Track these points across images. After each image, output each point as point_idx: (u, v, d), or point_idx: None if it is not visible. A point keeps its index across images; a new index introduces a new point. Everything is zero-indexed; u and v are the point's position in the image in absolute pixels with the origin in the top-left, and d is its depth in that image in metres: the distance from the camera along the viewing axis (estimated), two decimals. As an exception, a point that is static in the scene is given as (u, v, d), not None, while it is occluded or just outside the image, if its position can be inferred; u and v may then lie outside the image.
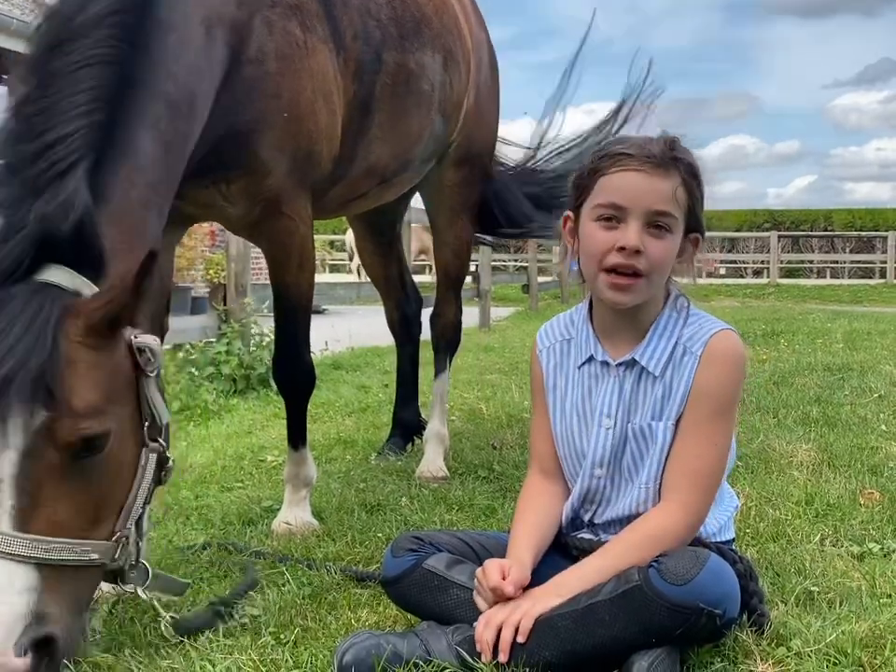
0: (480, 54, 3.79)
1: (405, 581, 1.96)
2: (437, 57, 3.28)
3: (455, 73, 3.43)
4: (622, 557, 1.81)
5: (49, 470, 1.66)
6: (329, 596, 2.22)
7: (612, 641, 1.72)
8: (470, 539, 2.07)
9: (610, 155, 1.91)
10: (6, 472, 1.62)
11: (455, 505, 3.04)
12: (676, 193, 1.87)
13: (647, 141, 1.92)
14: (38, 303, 1.67)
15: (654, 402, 1.94)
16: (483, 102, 3.82)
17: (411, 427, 4.14)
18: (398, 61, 3.04)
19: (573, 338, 2.08)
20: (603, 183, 1.90)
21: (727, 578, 1.78)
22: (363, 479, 3.47)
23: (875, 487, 3.12)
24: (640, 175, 1.87)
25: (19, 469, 1.62)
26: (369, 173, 3.09)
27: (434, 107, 3.30)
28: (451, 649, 1.80)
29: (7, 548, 1.60)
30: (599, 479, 2.00)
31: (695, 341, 1.92)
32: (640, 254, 1.86)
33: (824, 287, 21.77)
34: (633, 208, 1.86)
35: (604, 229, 1.89)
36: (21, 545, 1.61)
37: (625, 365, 1.97)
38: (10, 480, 1.62)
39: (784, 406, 4.75)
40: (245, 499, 3.20)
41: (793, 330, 9.13)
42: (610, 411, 1.98)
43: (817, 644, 1.83)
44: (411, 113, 3.16)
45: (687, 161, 1.90)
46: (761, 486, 3.13)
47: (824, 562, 2.38)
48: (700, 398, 1.90)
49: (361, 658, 1.77)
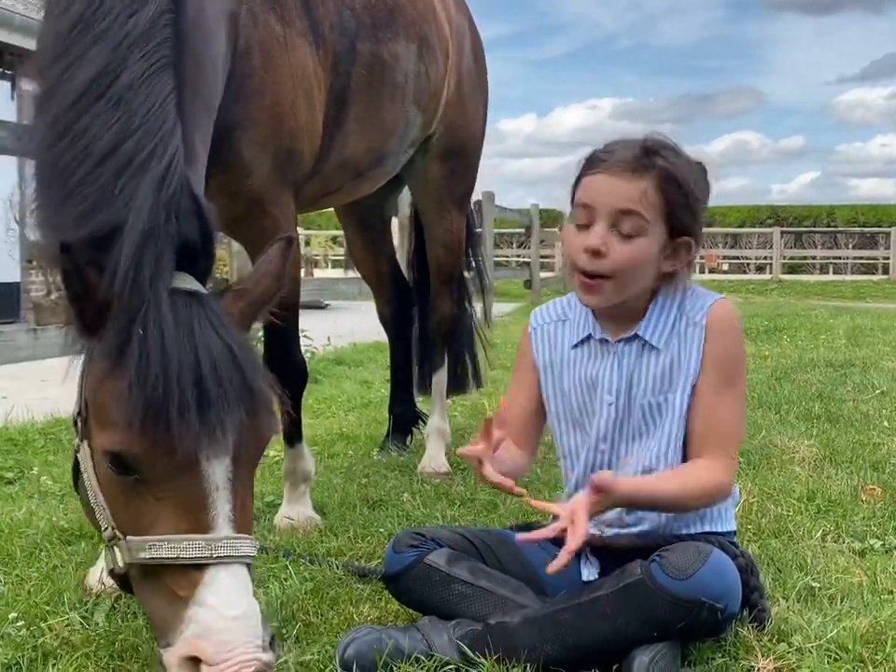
0: (460, 41, 3.68)
1: (407, 577, 1.97)
2: (411, 46, 3.17)
3: (431, 62, 3.31)
4: (682, 488, 1.88)
5: (252, 471, 1.67)
6: (330, 591, 2.22)
7: (614, 635, 1.73)
8: (472, 535, 2.07)
9: (588, 160, 1.96)
10: (223, 478, 1.56)
11: (456, 500, 3.05)
12: (646, 195, 1.88)
13: (625, 145, 1.94)
14: (201, 310, 1.60)
15: (661, 375, 1.96)
16: (466, 90, 3.72)
17: (408, 419, 4.10)
18: (371, 51, 2.95)
19: (569, 319, 2.10)
20: (580, 186, 1.96)
21: (729, 572, 1.79)
22: (365, 474, 3.48)
23: (876, 483, 3.12)
24: (607, 176, 1.90)
25: (234, 473, 1.58)
26: (343, 167, 3.01)
27: (408, 99, 3.19)
28: (452, 643, 1.81)
29: (238, 551, 1.56)
30: (604, 453, 2.03)
31: (696, 311, 1.97)
32: (602, 255, 1.88)
33: (827, 283, 21.77)
34: (599, 208, 1.89)
35: (577, 231, 1.93)
36: (247, 547, 1.58)
37: (625, 341, 2.00)
38: (228, 484, 1.57)
39: (786, 402, 4.75)
40: (248, 494, 3.20)
41: (796, 326, 9.13)
42: (611, 387, 1.99)
43: (818, 640, 1.83)
44: (385, 105, 3.07)
45: (661, 165, 1.89)
46: (762, 482, 3.13)
47: (825, 558, 2.38)
48: (714, 364, 1.94)
49: (363, 652, 1.78)
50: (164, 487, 1.55)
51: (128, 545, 1.59)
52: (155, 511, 1.56)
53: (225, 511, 1.56)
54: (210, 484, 1.56)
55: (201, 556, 1.51)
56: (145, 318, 1.55)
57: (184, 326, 1.56)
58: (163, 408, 1.49)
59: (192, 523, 1.54)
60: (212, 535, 1.54)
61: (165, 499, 1.55)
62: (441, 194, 3.71)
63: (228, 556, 1.53)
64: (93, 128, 1.72)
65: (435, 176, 3.66)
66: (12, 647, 1.89)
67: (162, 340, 1.53)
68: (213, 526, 1.55)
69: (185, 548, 1.52)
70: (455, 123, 3.62)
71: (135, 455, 1.53)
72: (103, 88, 1.75)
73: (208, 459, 1.55)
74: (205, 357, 1.54)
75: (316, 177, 2.87)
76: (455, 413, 4.72)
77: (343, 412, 5.01)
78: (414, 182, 3.75)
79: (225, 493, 1.57)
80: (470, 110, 3.77)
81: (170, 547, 1.53)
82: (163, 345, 1.52)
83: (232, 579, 1.53)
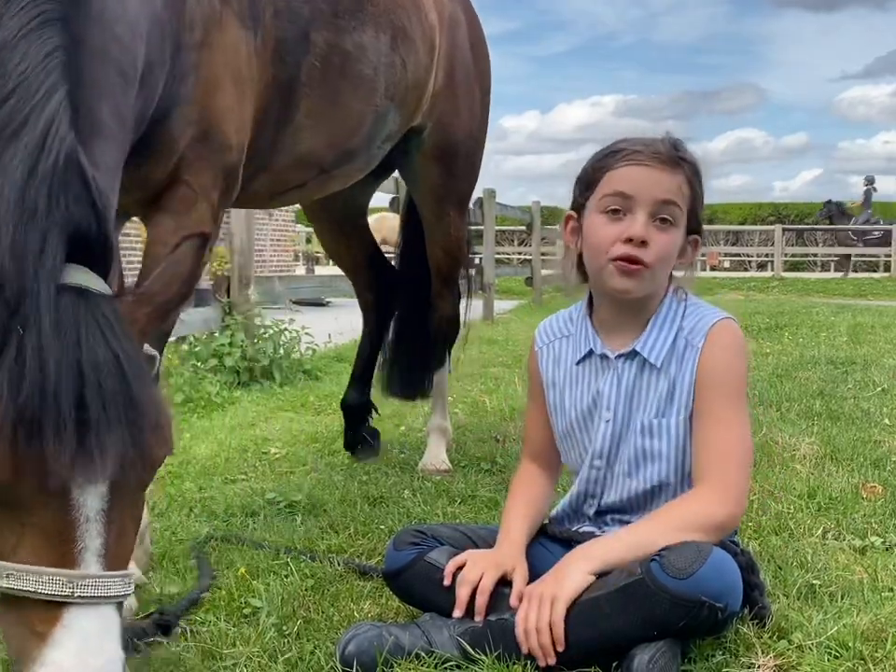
0: (452, 31, 3.45)
1: (407, 574, 1.97)
2: (382, 36, 2.91)
3: (409, 53, 3.06)
4: (662, 536, 1.78)
5: (139, 494, 1.48)
6: (331, 588, 2.22)
7: (614, 634, 1.72)
8: (472, 533, 2.08)
9: (616, 151, 1.95)
10: (95, 508, 1.38)
11: (457, 497, 3.05)
12: (681, 188, 1.91)
13: (652, 141, 1.95)
14: (89, 312, 1.39)
15: (660, 398, 1.95)
16: (460, 84, 3.50)
17: (359, 410, 3.87)
18: (330, 41, 2.68)
19: (572, 335, 2.09)
20: (610, 176, 1.93)
21: (729, 571, 1.78)
22: (366, 471, 3.48)
23: (877, 481, 3.12)
24: (647, 168, 1.91)
25: (111, 502, 1.39)
26: (301, 163, 2.79)
27: (379, 93, 2.94)
28: (452, 640, 1.81)
29: (106, 591, 1.38)
30: (599, 469, 2.02)
31: (696, 333, 1.94)
32: (646, 245, 1.88)
33: (828, 280, 21.73)
34: (640, 198, 1.89)
35: (610, 221, 1.91)
36: (119, 585, 1.40)
37: (625, 357, 1.98)
38: (101, 515, 1.38)
39: (787, 399, 4.74)
40: (249, 491, 3.20)
41: (797, 324, 9.13)
42: (610, 403, 1.99)
43: (818, 637, 1.83)
44: (347, 99, 2.82)
45: (691, 161, 1.94)
46: (763, 479, 3.13)
47: (826, 555, 2.38)
48: (707, 385, 1.91)
49: (363, 649, 1.78)
50: (28, 513, 1.36)
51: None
52: (18, 537, 1.37)
53: (95, 545, 1.38)
54: (80, 515, 1.37)
55: (61, 593, 1.34)
56: (23, 316, 1.34)
57: (68, 329, 1.35)
58: (32, 425, 1.30)
59: (56, 556, 1.35)
60: (77, 571, 1.36)
61: (29, 526, 1.36)
62: (438, 195, 3.59)
63: (92, 596, 1.36)
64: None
65: (432, 176, 3.53)
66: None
67: (40, 343, 1.33)
68: (79, 561, 1.36)
69: (45, 582, 1.34)
70: (447, 119, 3.45)
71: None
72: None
73: (80, 487, 1.36)
74: (89, 368, 1.34)
75: (267, 173, 2.67)
76: (457, 410, 4.72)
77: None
78: (412, 182, 3.67)
79: (97, 525, 1.38)
80: (464, 106, 3.56)
81: (29, 579, 1.34)
82: (41, 350, 1.32)
83: (96, 621, 1.36)
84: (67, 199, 1.42)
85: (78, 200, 1.43)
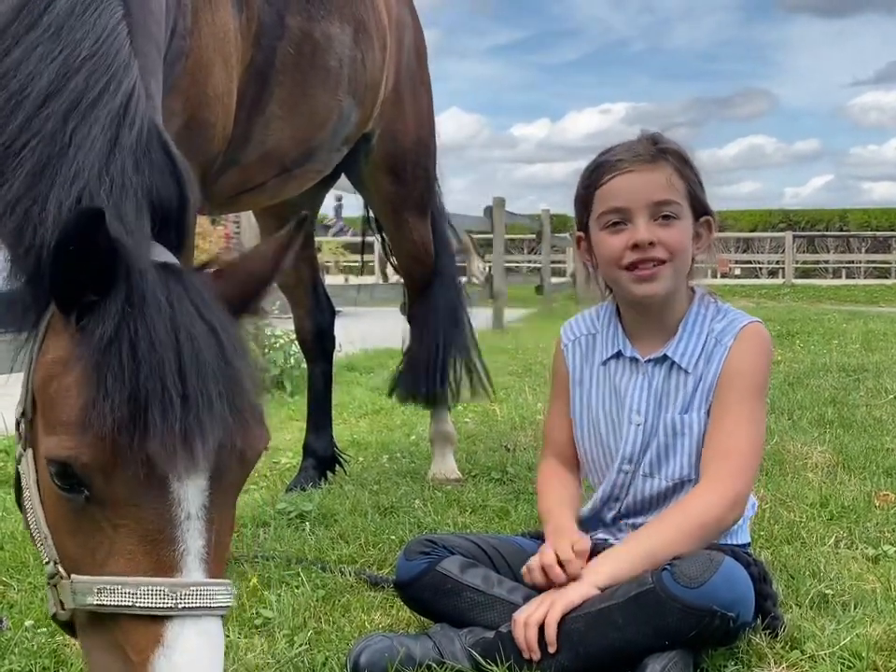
0: (401, 34, 3.35)
1: (418, 584, 1.97)
2: (346, 28, 2.80)
3: (367, 48, 2.95)
4: (670, 544, 1.79)
5: (234, 498, 1.35)
6: (342, 599, 2.22)
7: (625, 644, 1.72)
8: (483, 543, 2.07)
9: (600, 165, 1.98)
10: (197, 504, 1.24)
11: (468, 507, 3.05)
12: (671, 181, 1.93)
13: (631, 144, 1.98)
14: (182, 287, 1.29)
15: (686, 395, 1.96)
16: (405, 89, 3.38)
17: (325, 458, 3.60)
18: (303, 28, 2.57)
19: (599, 333, 2.11)
20: (601, 194, 1.96)
21: (741, 581, 1.78)
22: (377, 481, 3.48)
23: (890, 489, 3.10)
24: (633, 174, 1.93)
25: (211, 499, 1.25)
26: (266, 160, 2.65)
27: (343, 87, 2.82)
28: (464, 651, 1.81)
29: (211, 601, 1.24)
30: (627, 473, 2.03)
31: (726, 333, 1.96)
32: (654, 245, 1.90)
33: (840, 287, 21.65)
34: (635, 206, 1.92)
35: (614, 234, 1.94)
36: (223, 595, 1.26)
37: (655, 361, 2.00)
38: (203, 512, 1.24)
39: (799, 407, 4.73)
40: (259, 501, 3.21)
41: (809, 331, 9.09)
42: (640, 407, 2.00)
43: (831, 647, 1.82)
44: (316, 91, 2.70)
45: (673, 150, 1.97)
46: (775, 488, 3.12)
47: (839, 564, 2.37)
48: (730, 378, 1.93)
49: (375, 660, 1.78)
50: (122, 512, 1.22)
51: (72, 586, 1.26)
52: (108, 544, 1.23)
53: (197, 547, 1.23)
54: (181, 511, 1.22)
55: (163, 606, 1.19)
56: (127, 294, 1.23)
57: (165, 307, 1.24)
58: (135, 407, 1.18)
59: (155, 561, 1.21)
60: (179, 578, 1.21)
61: (123, 528, 1.22)
62: (394, 204, 3.47)
63: (198, 608, 1.21)
64: (29, 64, 1.40)
65: (384, 185, 3.42)
66: (27, 654, 1.90)
67: (144, 321, 1.22)
68: (180, 567, 1.22)
69: (143, 594, 1.19)
70: (394, 126, 3.33)
71: (86, 464, 1.20)
72: (35, 15, 1.43)
73: (180, 479, 1.22)
74: (188, 346, 1.23)
75: (235, 169, 2.52)
76: (467, 419, 4.72)
77: (354, 418, 5.02)
78: (365, 191, 3.55)
79: (199, 523, 1.23)
80: (411, 112, 3.43)
81: (125, 592, 1.20)
82: (146, 328, 1.21)
83: (202, 637, 1.21)
84: (153, 172, 1.37)
85: (163, 172, 1.39)
